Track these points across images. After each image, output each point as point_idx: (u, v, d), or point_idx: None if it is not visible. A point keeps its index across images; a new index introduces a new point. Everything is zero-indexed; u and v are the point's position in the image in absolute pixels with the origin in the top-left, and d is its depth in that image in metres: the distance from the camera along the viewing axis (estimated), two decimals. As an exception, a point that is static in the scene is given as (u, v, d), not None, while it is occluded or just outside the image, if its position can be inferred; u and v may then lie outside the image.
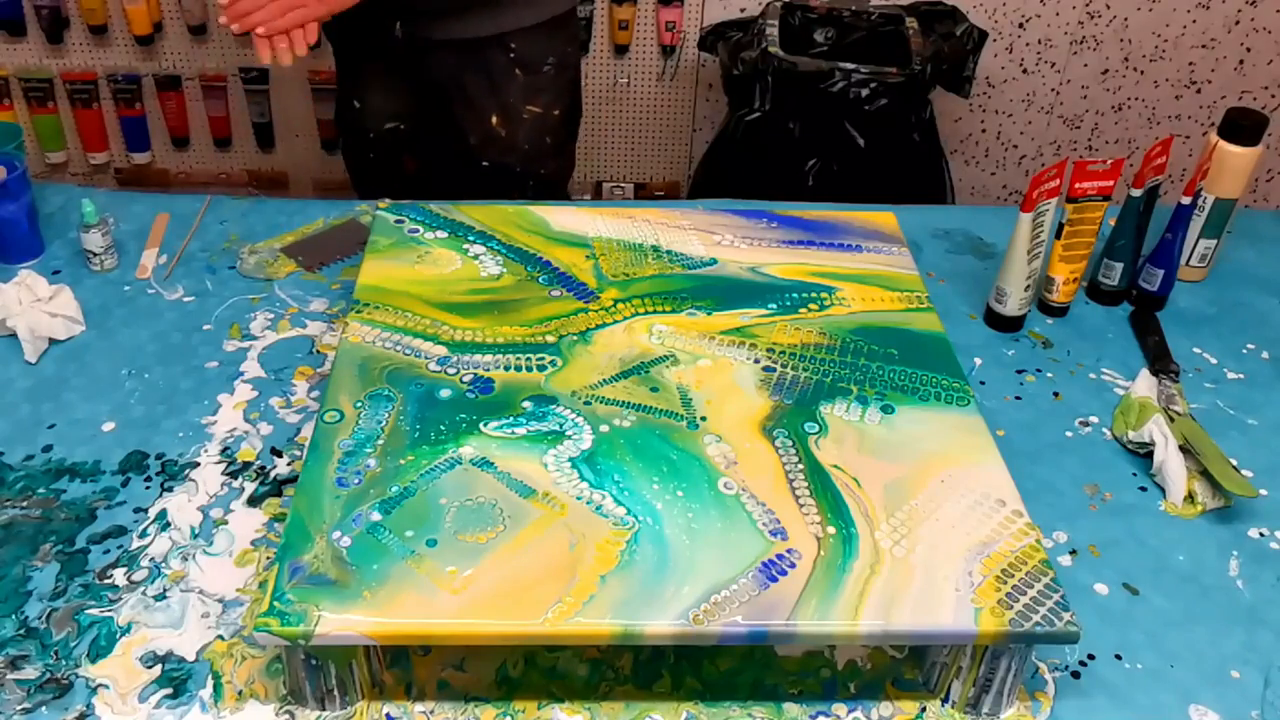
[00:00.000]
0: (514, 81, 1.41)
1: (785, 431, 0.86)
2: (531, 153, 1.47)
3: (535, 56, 1.41)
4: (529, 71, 1.41)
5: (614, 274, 1.03)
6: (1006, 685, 0.77)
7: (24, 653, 0.79)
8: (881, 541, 0.77)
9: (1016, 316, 1.14)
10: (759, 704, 0.79)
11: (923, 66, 1.89)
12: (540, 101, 1.44)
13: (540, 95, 1.44)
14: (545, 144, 1.48)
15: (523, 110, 1.43)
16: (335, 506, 0.78)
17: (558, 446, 0.84)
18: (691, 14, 2.27)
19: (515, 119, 1.44)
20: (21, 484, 0.92)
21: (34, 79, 2.27)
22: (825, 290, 1.02)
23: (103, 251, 1.15)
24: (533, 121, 1.44)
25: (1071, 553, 0.91)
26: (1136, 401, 1.02)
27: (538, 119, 1.45)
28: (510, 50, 1.39)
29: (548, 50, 1.42)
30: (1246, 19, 2.23)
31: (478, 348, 0.93)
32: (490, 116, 1.43)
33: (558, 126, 1.48)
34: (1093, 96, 2.34)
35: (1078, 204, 1.11)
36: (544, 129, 1.46)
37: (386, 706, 0.77)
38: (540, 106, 1.44)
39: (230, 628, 0.81)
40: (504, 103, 1.42)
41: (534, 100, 1.43)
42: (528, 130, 1.45)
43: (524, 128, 1.44)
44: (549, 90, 1.44)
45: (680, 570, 0.74)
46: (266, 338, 1.09)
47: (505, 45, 1.38)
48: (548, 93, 1.44)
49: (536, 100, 1.44)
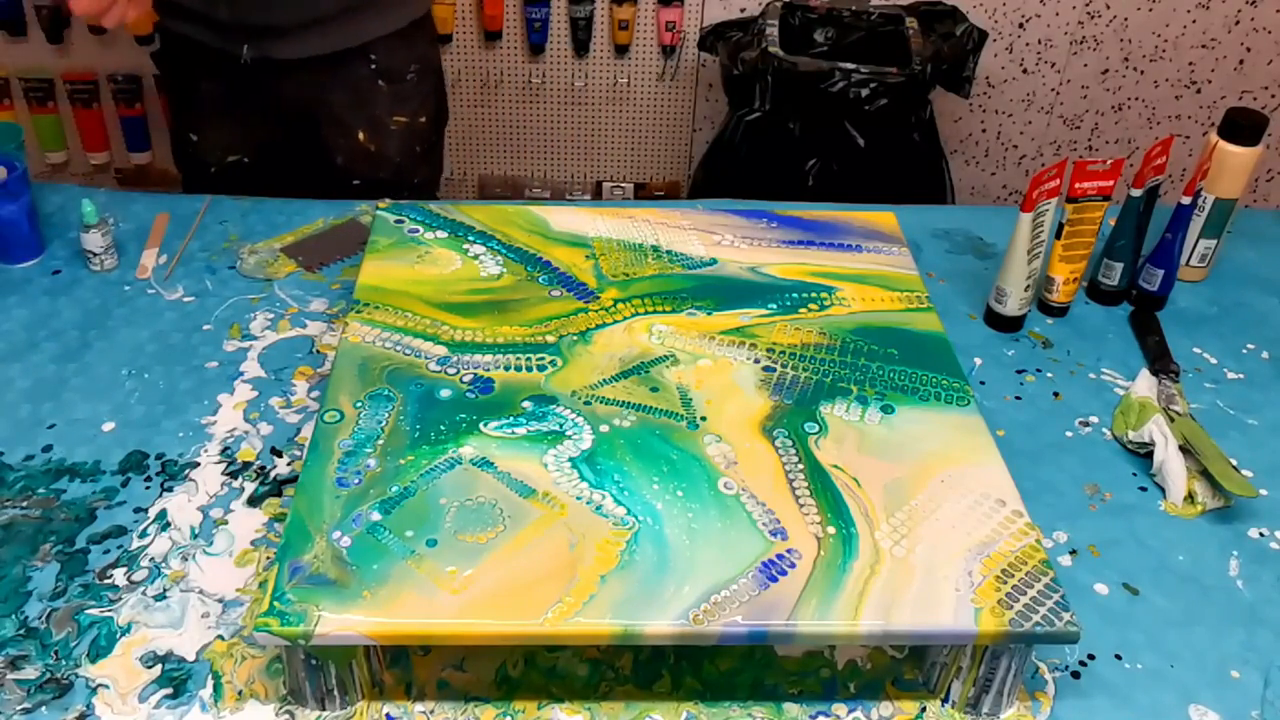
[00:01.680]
0: (379, 93, 1.36)
1: (785, 431, 0.86)
2: (403, 164, 1.42)
3: (397, 64, 1.36)
4: (393, 81, 1.36)
5: (614, 274, 1.03)
6: (1006, 685, 0.77)
7: (24, 653, 0.79)
8: (881, 541, 0.77)
9: (1016, 316, 1.14)
10: (759, 704, 0.79)
11: (923, 66, 1.89)
12: (407, 110, 1.39)
13: (406, 104, 1.39)
14: (416, 152, 1.43)
15: (390, 122, 1.38)
16: (335, 506, 0.78)
17: (558, 446, 0.84)
18: (691, 14, 2.27)
19: (384, 131, 1.38)
20: (21, 484, 0.92)
21: (34, 79, 2.27)
22: (825, 290, 1.02)
23: (103, 251, 1.15)
24: (401, 132, 1.40)
25: (1071, 553, 0.91)
26: (1136, 401, 1.02)
27: (406, 129, 1.40)
28: (371, 61, 1.34)
29: (409, 57, 1.37)
30: (1246, 19, 2.23)
31: (478, 348, 0.93)
32: (358, 133, 1.37)
33: (426, 133, 1.43)
34: (1093, 96, 2.34)
35: (1078, 204, 1.11)
36: (414, 138, 1.42)
37: (386, 706, 0.77)
38: (407, 115, 1.39)
39: (230, 628, 0.81)
40: (371, 116, 1.37)
41: (401, 110, 1.39)
42: (398, 141, 1.40)
43: (394, 139, 1.39)
44: (414, 97, 1.40)
45: (680, 570, 0.74)
46: (266, 338, 1.09)
47: (366, 57, 1.33)
48: (413, 100, 1.39)
49: (403, 109, 1.39)
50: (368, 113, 1.37)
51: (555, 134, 2.44)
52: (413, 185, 1.44)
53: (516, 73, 2.35)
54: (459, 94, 2.37)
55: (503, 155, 2.47)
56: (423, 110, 1.41)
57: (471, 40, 2.30)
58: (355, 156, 1.39)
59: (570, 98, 2.38)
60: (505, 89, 2.37)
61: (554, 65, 2.34)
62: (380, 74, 1.35)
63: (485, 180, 2.50)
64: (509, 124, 2.42)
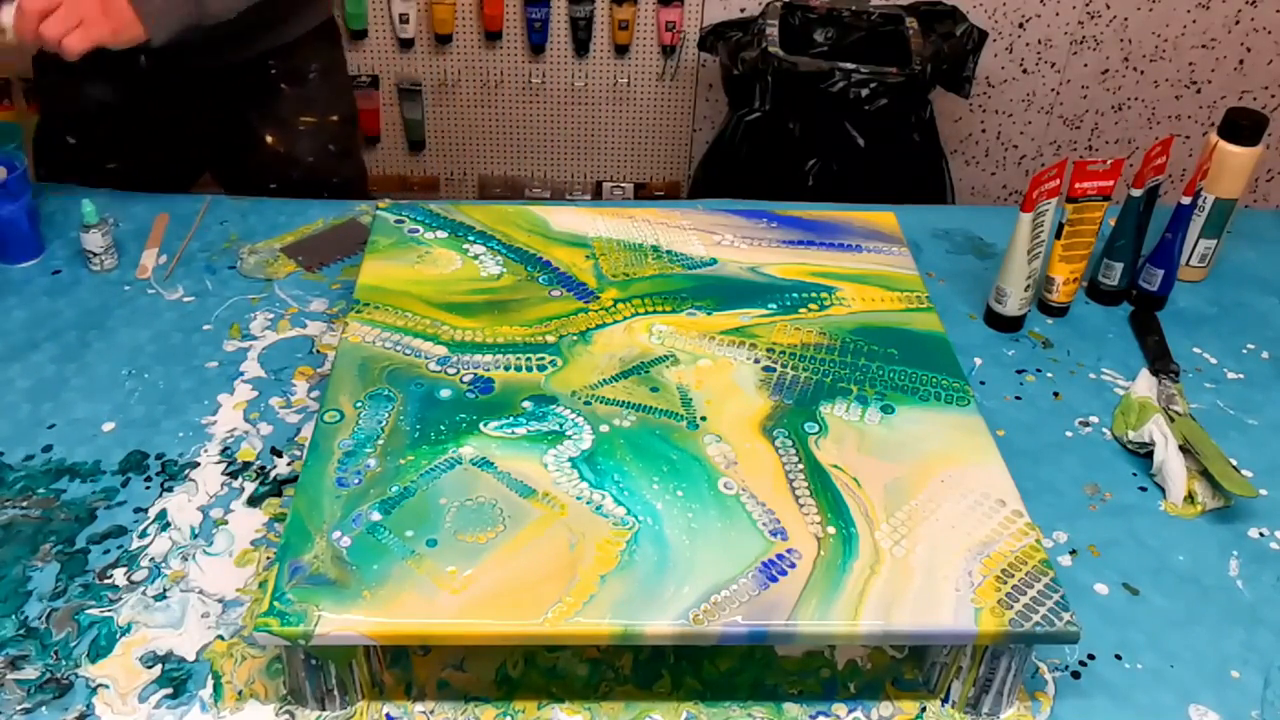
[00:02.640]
0: (282, 96, 1.36)
1: (785, 431, 0.86)
2: (316, 164, 1.41)
3: (297, 66, 1.36)
4: (295, 83, 1.36)
5: (614, 274, 1.03)
6: (1006, 685, 0.77)
7: (24, 653, 0.79)
8: (881, 541, 0.77)
9: (1016, 316, 1.14)
10: (759, 704, 0.79)
11: (923, 66, 1.89)
12: (314, 111, 1.39)
13: (312, 104, 1.39)
14: (329, 151, 1.42)
15: (298, 124, 1.38)
16: (335, 506, 0.78)
17: (558, 446, 0.84)
18: (691, 14, 2.27)
19: (291, 133, 1.38)
20: (21, 484, 0.92)
21: (34, 79, 2.27)
22: (825, 290, 1.02)
23: (103, 251, 1.15)
24: (310, 132, 1.39)
25: (1071, 553, 0.91)
26: (1136, 401, 1.02)
27: (315, 129, 1.40)
28: (271, 67, 1.34)
29: (309, 58, 1.37)
30: (1246, 19, 2.23)
31: (478, 348, 0.93)
32: (265, 137, 1.37)
33: (338, 132, 1.43)
34: (1093, 96, 2.34)
35: (1078, 204, 1.11)
36: (325, 137, 1.41)
37: (386, 706, 0.77)
38: (315, 115, 1.39)
39: (230, 628, 0.81)
40: (277, 119, 1.37)
41: (307, 111, 1.38)
42: (308, 142, 1.40)
43: (303, 140, 1.39)
44: (320, 99, 1.39)
45: (680, 570, 0.74)
46: (266, 338, 1.09)
47: (264, 63, 1.33)
48: (319, 101, 1.39)
49: (310, 110, 1.39)
50: (274, 115, 1.37)
51: (555, 134, 2.44)
52: (332, 185, 1.42)
53: (517, 73, 2.35)
54: (459, 94, 2.37)
55: (503, 155, 2.47)
56: (332, 109, 1.41)
57: (472, 40, 2.30)
58: (265, 161, 1.39)
59: (570, 98, 2.38)
60: (505, 89, 2.37)
61: (554, 65, 2.34)
62: (281, 77, 1.35)
63: (485, 180, 2.51)
64: (509, 124, 2.42)
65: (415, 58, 2.33)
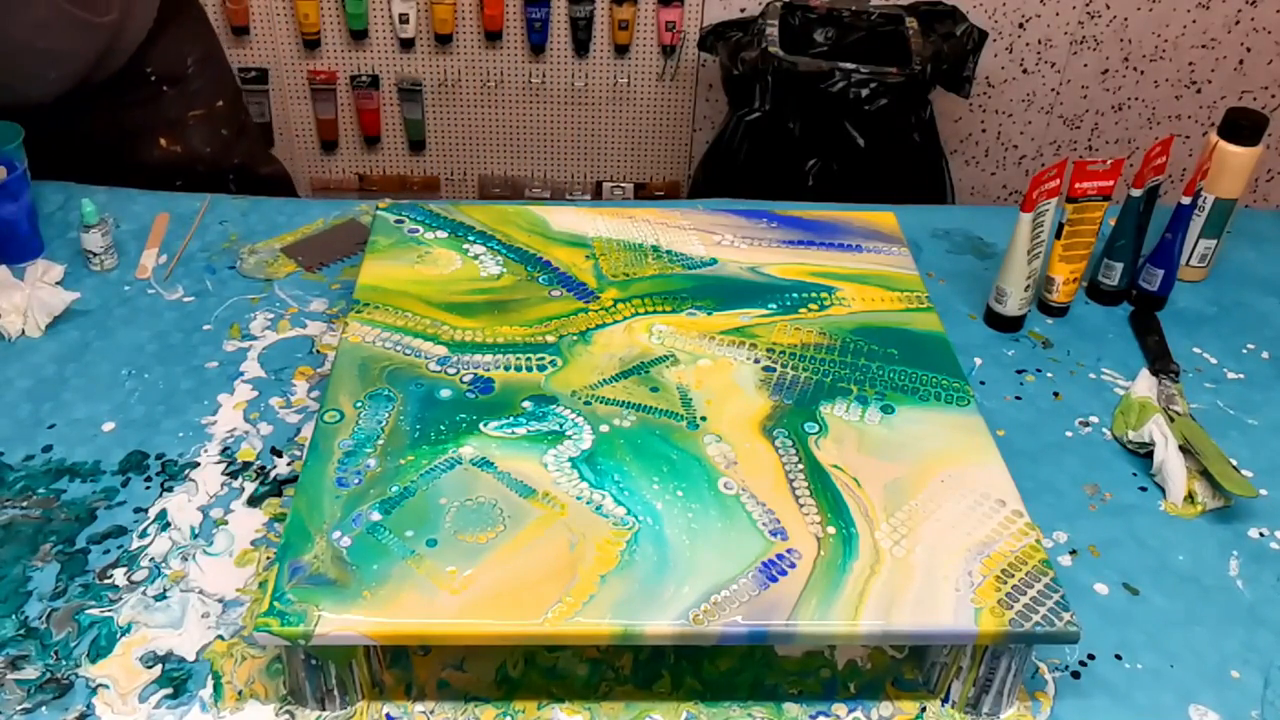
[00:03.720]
0: (166, 99, 1.35)
1: (785, 431, 0.86)
2: (214, 152, 1.41)
3: (174, 63, 1.35)
4: (176, 82, 1.36)
5: (614, 274, 1.03)
6: (1006, 685, 0.77)
7: (24, 653, 0.79)
8: (881, 541, 0.77)
9: (1016, 316, 1.14)
10: (759, 704, 0.79)
11: (923, 66, 1.89)
12: (201, 103, 1.39)
13: (198, 98, 1.38)
14: (222, 136, 1.42)
15: (187, 120, 1.37)
16: (335, 506, 0.78)
17: (558, 446, 0.84)
18: (691, 14, 2.27)
19: (184, 130, 1.38)
20: (21, 484, 0.92)
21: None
22: (825, 290, 1.02)
23: (103, 251, 1.15)
24: (199, 124, 1.39)
25: (1071, 553, 0.91)
26: (1136, 401, 1.02)
27: (203, 120, 1.39)
28: (149, 74, 1.32)
29: (182, 51, 1.35)
30: (1246, 19, 2.23)
31: (478, 348, 0.93)
32: (159, 140, 1.37)
33: (227, 116, 1.42)
34: (1093, 96, 2.34)
35: (1078, 204, 1.11)
36: (214, 124, 1.41)
37: (386, 706, 0.77)
38: (203, 108, 1.39)
39: (230, 628, 0.81)
40: (165, 120, 1.36)
41: (193, 105, 1.38)
42: (202, 133, 1.39)
43: (196, 134, 1.39)
44: (203, 90, 1.39)
45: (680, 570, 0.74)
46: (266, 338, 1.09)
47: (142, 70, 1.31)
48: (203, 92, 1.39)
49: (197, 103, 1.38)
50: (162, 119, 1.36)
51: (555, 134, 2.44)
52: (234, 165, 1.43)
53: (517, 73, 2.35)
54: (459, 94, 2.37)
55: (503, 155, 2.47)
56: (216, 95, 1.40)
57: (472, 40, 2.30)
58: (166, 162, 1.38)
59: (570, 98, 2.38)
60: (505, 89, 2.37)
61: (554, 65, 2.34)
62: (161, 80, 1.34)
63: (485, 180, 2.51)
64: (509, 124, 2.42)
65: (415, 58, 2.33)
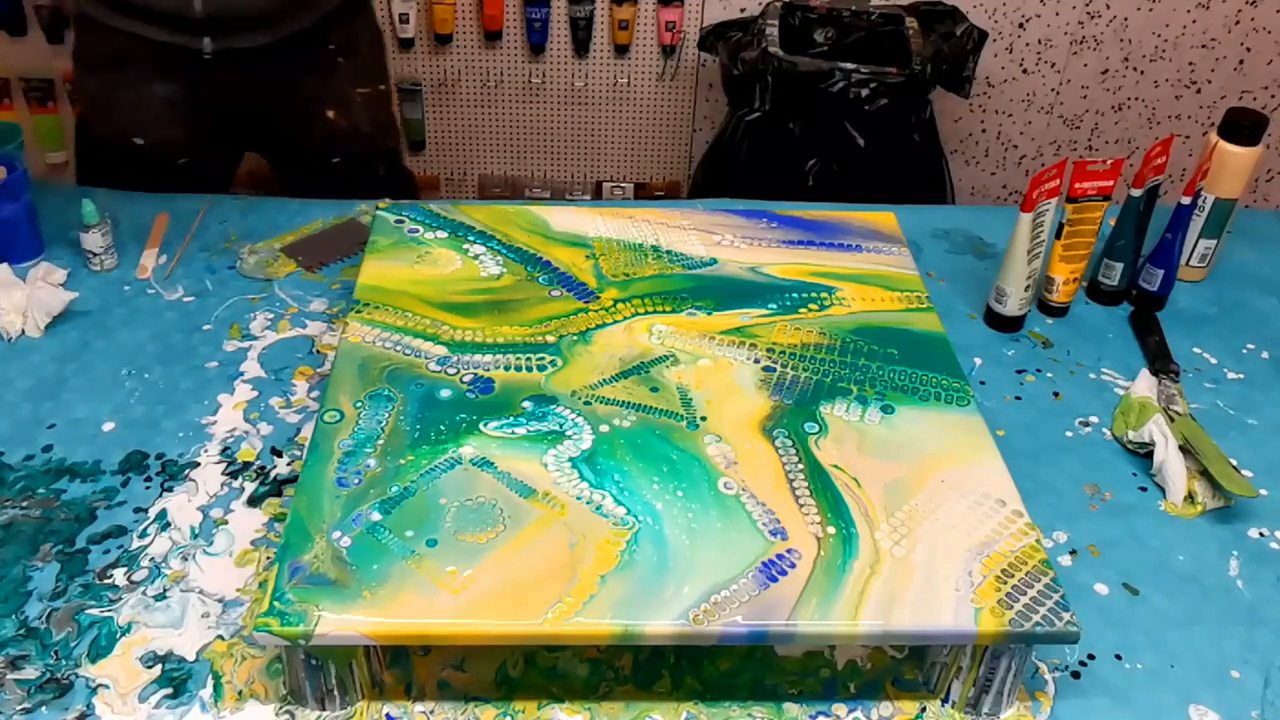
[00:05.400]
0: (340, 70, 1.40)
1: (785, 431, 0.86)
2: (374, 134, 1.47)
3: (352, 39, 1.40)
4: (350, 55, 1.40)
5: (614, 274, 1.03)
6: (1006, 685, 0.77)
7: (24, 653, 0.79)
8: (881, 541, 0.77)
9: (1016, 316, 1.14)
10: (759, 704, 0.79)
11: (923, 66, 1.89)
12: (369, 82, 1.44)
13: (366, 75, 1.44)
14: (381, 120, 1.48)
15: (355, 96, 1.42)
16: (335, 506, 0.78)
17: (558, 446, 0.84)
18: (691, 14, 2.27)
19: (351, 106, 1.42)
20: (21, 484, 0.92)
21: (34, 79, 2.27)
22: (825, 290, 1.02)
23: (103, 251, 1.15)
24: (364, 103, 1.44)
25: (1071, 553, 0.91)
26: (1136, 401, 1.02)
27: (368, 99, 1.44)
28: (329, 40, 1.37)
29: (361, 30, 1.42)
30: (1246, 19, 2.23)
31: (478, 348, 0.93)
32: (326, 112, 1.40)
33: (385, 102, 1.48)
34: (1093, 96, 2.34)
35: (1078, 204, 1.11)
36: (377, 107, 1.46)
37: (386, 706, 0.77)
38: (369, 87, 1.44)
39: (230, 628, 0.81)
40: (337, 93, 1.40)
41: (362, 83, 1.43)
42: (365, 113, 1.44)
43: (361, 112, 1.43)
44: (372, 70, 1.45)
45: (680, 570, 0.74)
46: (266, 338, 1.09)
47: (324, 36, 1.36)
48: (371, 72, 1.45)
49: (364, 82, 1.43)
50: (333, 90, 1.40)
51: (555, 134, 2.44)
52: (383, 152, 1.49)
53: (516, 73, 2.35)
54: (459, 94, 2.37)
55: (503, 155, 2.47)
56: (380, 80, 1.46)
57: (472, 40, 2.30)
58: (330, 135, 1.42)
59: (570, 98, 2.38)
60: (505, 89, 2.37)
61: (554, 65, 2.34)
62: (339, 51, 1.39)
63: (485, 180, 2.50)
64: (509, 124, 2.42)
65: (415, 58, 2.33)
